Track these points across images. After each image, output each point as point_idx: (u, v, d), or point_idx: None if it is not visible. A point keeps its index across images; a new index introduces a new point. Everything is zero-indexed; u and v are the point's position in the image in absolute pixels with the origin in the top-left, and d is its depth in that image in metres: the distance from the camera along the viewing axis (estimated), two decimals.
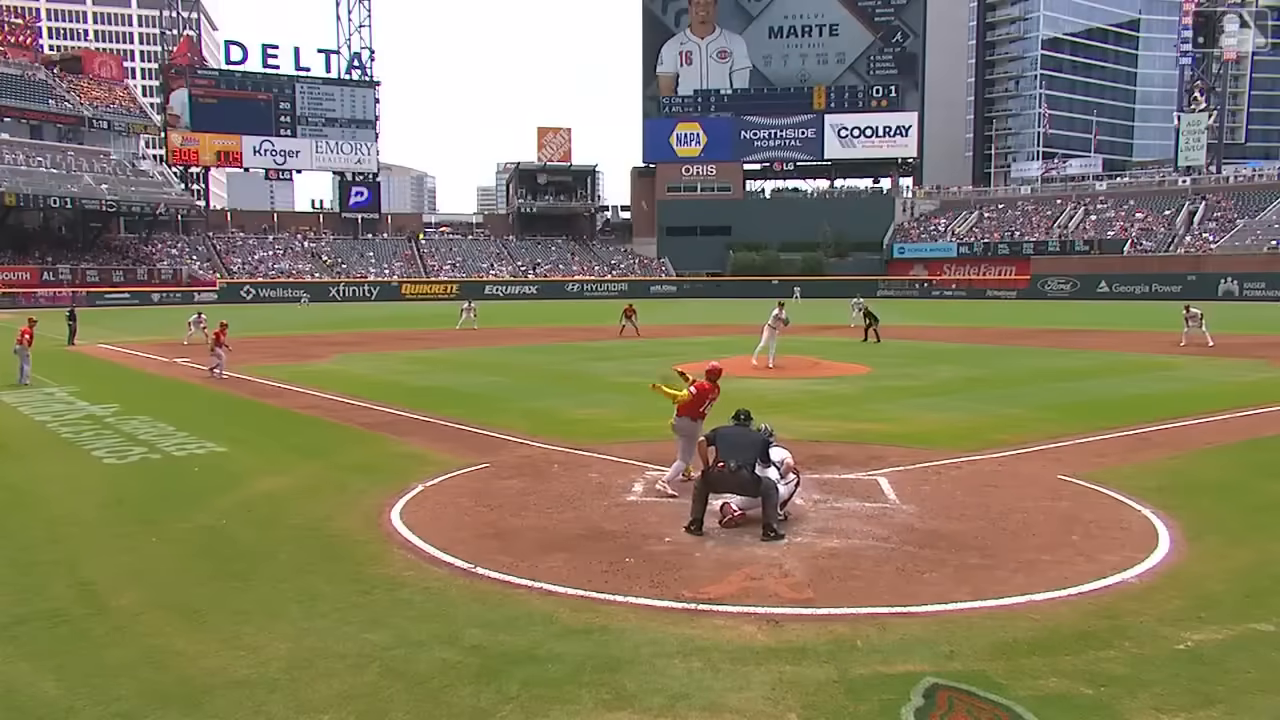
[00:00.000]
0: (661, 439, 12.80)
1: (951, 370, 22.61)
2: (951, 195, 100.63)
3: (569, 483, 10.75)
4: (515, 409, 16.65)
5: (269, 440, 13.88)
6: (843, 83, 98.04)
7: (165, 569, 7.73)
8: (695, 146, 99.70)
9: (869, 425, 14.58)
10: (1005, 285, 78.40)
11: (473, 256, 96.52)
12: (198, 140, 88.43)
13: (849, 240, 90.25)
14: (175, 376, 22.85)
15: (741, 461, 8.66)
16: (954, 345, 31.26)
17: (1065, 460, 11.88)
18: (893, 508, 9.56)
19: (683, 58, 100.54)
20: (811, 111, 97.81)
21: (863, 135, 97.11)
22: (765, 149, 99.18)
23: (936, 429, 14.20)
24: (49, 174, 74.76)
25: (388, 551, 8.13)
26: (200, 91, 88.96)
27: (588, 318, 48.69)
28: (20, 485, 10.94)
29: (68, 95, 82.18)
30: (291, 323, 45.78)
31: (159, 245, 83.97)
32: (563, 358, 27.08)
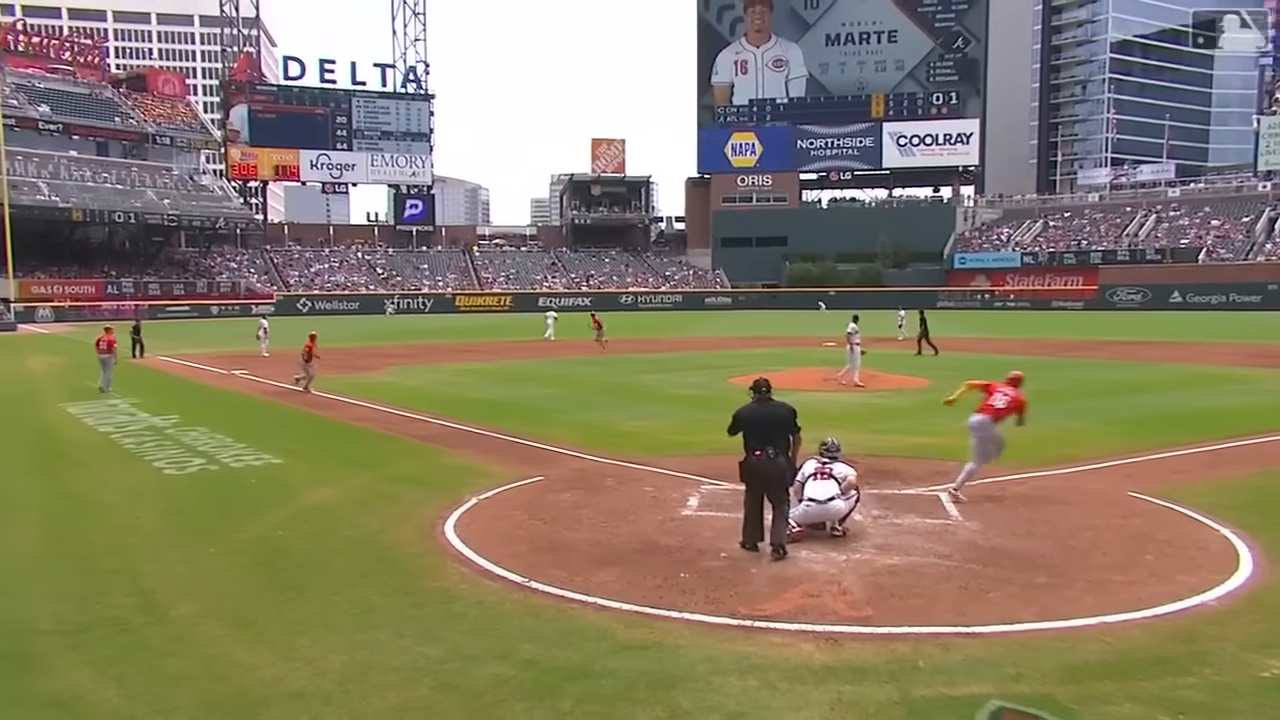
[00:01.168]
0: (715, 452, 12.76)
1: None
2: (1015, 204, 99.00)
3: (623, 496, 10.74)
4: (568, 421, 16.70)
5: (323, 452, 14.07)
6: (902, 90, 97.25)
7: (222, 579, 7.88)
8: (751, 156, 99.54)
9: (929, 439, 14.38)
10: (1072, 296, 76.81)
11: (526, 268, 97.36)
12: (256, 155, 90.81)
13: (908, 251, 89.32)
14: (233, 388, 23.38)
15: (778, 447, 8.22)
16: (1017, 357, 30.60)
17: (1136, 476, 11.56)
18: (955, 524, 9.39)
19: (738, 67, 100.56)
20: (869, 120, 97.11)
21: (922, 143, 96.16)
22: (822, 158, 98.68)
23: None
24: (114, 190, 77.47)
25: (441, 564, 8.18)
26: (259, 107, 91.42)
27: (642, 330, 48.74)
28: (83, 495, 11.26)
29: (132, 113, 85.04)
30: (346, 335, 46.58)
31: (218, 259, 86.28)
32: (615, 370, 27.11)
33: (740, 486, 8.55)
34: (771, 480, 8.22)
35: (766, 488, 8.25)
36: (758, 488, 8.28)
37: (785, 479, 8.27)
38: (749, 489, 8.36)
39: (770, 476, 8.20)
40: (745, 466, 8.29)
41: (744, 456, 8.33)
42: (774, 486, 8.25)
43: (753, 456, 8.22)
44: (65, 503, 10.64)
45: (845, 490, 8.98)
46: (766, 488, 8.25)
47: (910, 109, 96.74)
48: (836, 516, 8.95)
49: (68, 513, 9.85)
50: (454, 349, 36.99)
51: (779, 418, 8.30)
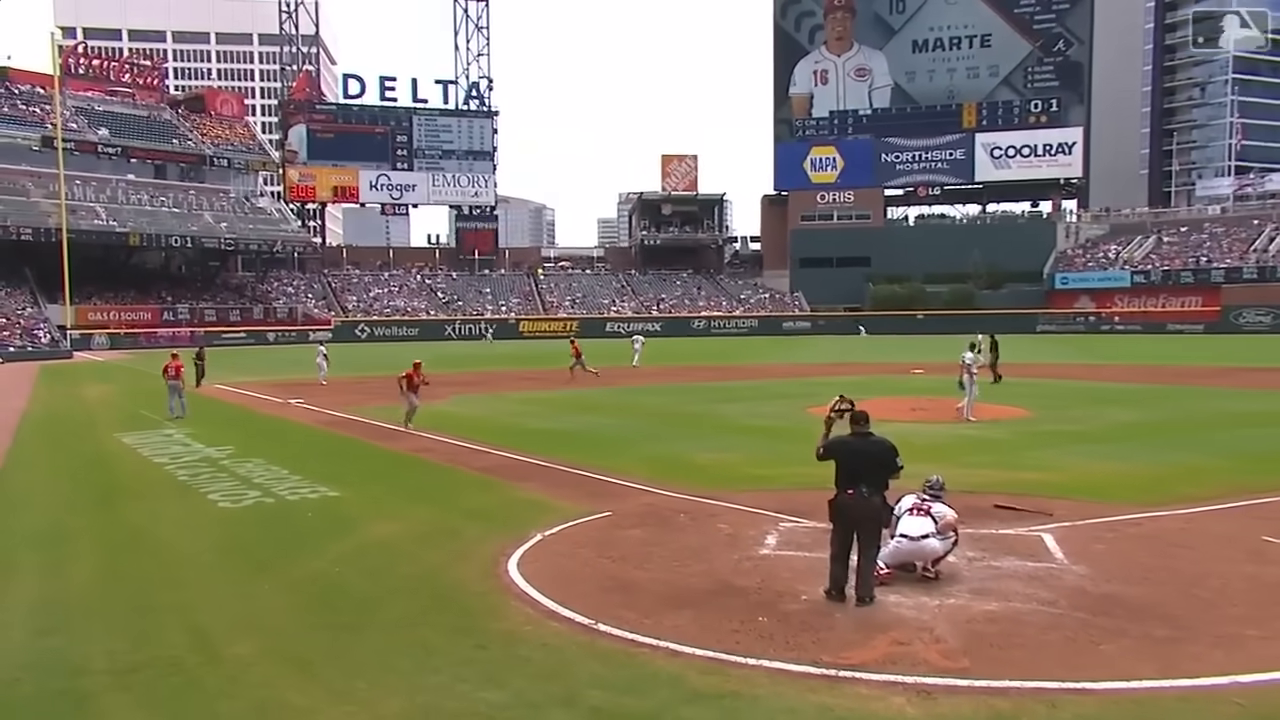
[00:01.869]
0: (795, 487, 12.65)
1: (1125, 413, 21.60)
2: (1124, 218, 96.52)
3: (696, 533, 10.72)
4: (637, 453, 16.76)
5: (382, 485, 14.32)
6: (996, 98, 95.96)
7: (278, 617, 8.05)
8: (831, 172, 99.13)
9: (1030, 475, 14.09)
10: (1190, 318, 74.47)
11: (593, 292, 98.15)
12: (314, 176, 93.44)
13: (1003, 270, 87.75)
14: (289, 418, 23.96)
15: (873, 486, 7.98)
16: (1128, 385, 29.82)
17: (1271, 518, 11.11)
18: (1060, 568, 9.16)
19: (817, 77, 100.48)
20: (960, 130, 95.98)
21: (1019, 154, 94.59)
22: (909, 172, 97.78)
23: (1109, 480, 13.54)
24: (170, 213, 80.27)
25: (504, 604, 8.24)
26: (318, 126, 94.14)
27: (714, 356, 48.66)
28: (138, 527, 11.63)
29: (190, 134, 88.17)
30: (405, 363, 47.46)
31: (275, 283, 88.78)
32: (687, 399, 27.12)
33: (826, 525, 8.42)
34: (863, 521, 8.00)
35: (857, 529, 8.04)
36: (847, 529, 8.08)
37: (879, 520, 8.07)
38: (837, 530, 8.17)
39: (861, 517, 7.99)
40: (835, 505, 8.11)
41: (834, 493, 8.18)
42: (865, 528, 8.03)
43: (844, 494, 8.04)
44: (120, 536, 11.00)
45: (942, 530, 8.82)
46: (857, 529, 8.04)
47: (1006, 118, 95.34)
48: (930, 557, 8.79)
49: (123, 546, 10.18)
50: (518, 376, 37.39)
51: (877, 454, 8.10)
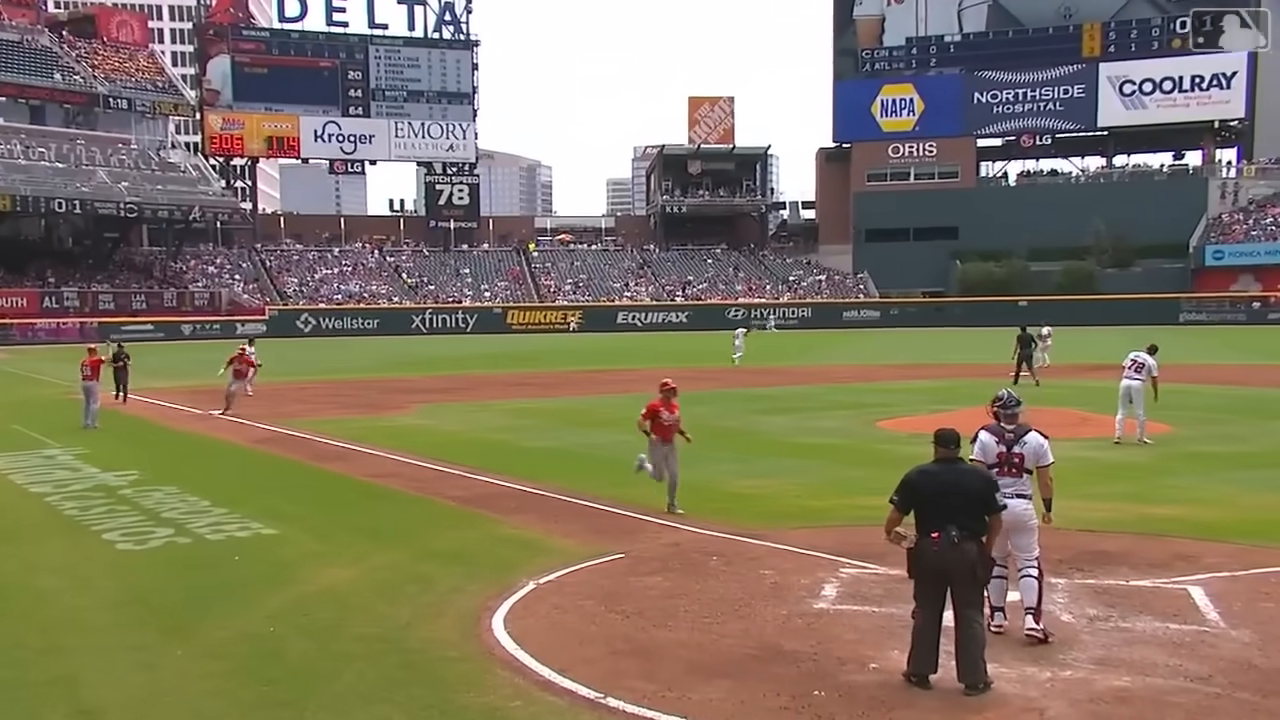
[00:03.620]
0: (860, 522, 12.60)
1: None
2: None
3: (733, 582, 10.72)
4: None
5: (331, 519, 14.37)
6: (1128, 15, 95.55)
7: (193, 693, 8.03)
8: (908, 117, 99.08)
9: (1171, 509, 14.03)
10: None
11: (601, 273, 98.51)
12: (243, 122, 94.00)
13: (1134, 243, 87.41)
14: (211, 434, 24.03)
15: (965, 527, 7.77)
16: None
17: None
18: (1215, 632, 9.08)
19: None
20: (1079, 60, 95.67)
21: (1158, 90, 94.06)
22: (1009, 116, 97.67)
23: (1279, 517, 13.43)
24: (52, 169, 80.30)
25: (488, 673, 8.24)
26: (246, 58, 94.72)
27: (756, 355, 48.62)
28: (9, 578, 11.62)
29: (77, 66, 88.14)
30: (361, 364, 47.64)
31: (192, 261, 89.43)
32: (721, 409, 27.09)
33: (900, 571, 8.33)
34: (955, 575, 7.78)
35: (950, 588, 7.83)
36: (934, 587, 7.86)
37: (977, 574, 7.82)
38: (919, 589, 7.97)
39: (953, 570, 7.75)
40: (916, 554, 7.90)
41: (915, 540, 8.04)
42: (959, 585, 7.80)
43: (926, 539, 7.83)
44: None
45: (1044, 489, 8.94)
46: (950, 588, 7.83)
47: (1141, 42, 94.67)
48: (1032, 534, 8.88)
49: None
50: (505, 381, 37.46)
51: (969, 488, 7.91)
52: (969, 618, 7.81)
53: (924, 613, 7.90)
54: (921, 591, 7.94)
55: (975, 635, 7.75)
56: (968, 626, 7.78)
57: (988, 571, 7.96)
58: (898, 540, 8.01)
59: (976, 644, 7.73)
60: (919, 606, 7.95)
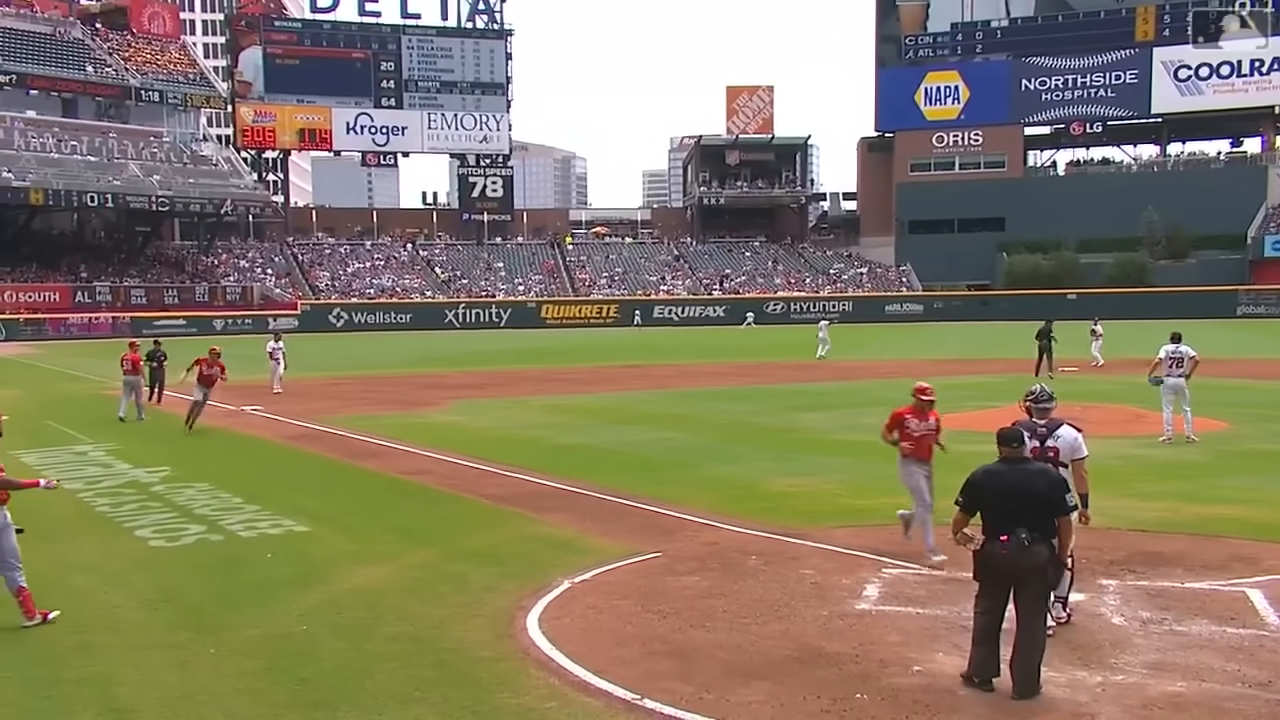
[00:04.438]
0: (900, 522, 12.54)
1: None
2: None
3: (773, 582, 10.70)
4: (697, 477, 16.78)
5: (363, 517, 14.43)
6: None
7: (225, 692, 8.09)
8: (954, 105, 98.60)
9: (1228, 509, 13.90)
10: None
11: (637, 267, 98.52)
12: (274, 115, 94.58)
13: (1189, 234, 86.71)
14: (243, 430, 24.23)
15: (1035, 530, 7.63)
16: None
17: None
18: (1275, 637, 8.99)
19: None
20: (1132, 45, 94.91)
21: (1215, 75, 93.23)
22: (1058, 104, 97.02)
23: None
24: (84, 163, 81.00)
25: (522, 673, 8.26)
26: (278, 50, 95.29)
27: (796, 350, 48.49)
28: (43, 576, 11.71)
29: (109, 59, 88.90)
30: (394, 360, 47.85)
31: (224, 255, 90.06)
32: (762, 406, 27.09)
33: (945, 572, 8.29)
34: (1022, 579, 7.69)
35: (1015, 591, 7.76)
36: (999, 590, 7.81)
37: (1045, 578, 7.74)
38: (984, 590, 7.92)
39: (1017, 575, 7.68)
40: (982, 557, 7.85)
41: (982, 542, 7.95)
42: (1026, 588, 7.71)
43: (996, 543, 7.75)
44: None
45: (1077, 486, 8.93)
46: (1015, 591, 7.76)
47: (1198, 25, 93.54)
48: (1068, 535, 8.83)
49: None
50: (540, 377, 37.50)
51: (1033, 490, 7.76)
52: (1032, 623, 7.73)
53: (986, 618, 7.84)
54: (986, 593, 7.88)
55: (1036, 643, 7.69)
56: (1029, 633, 7.69)
57: (1058, 575, 7.95)
58: (964, 542, 7.95)
59: (1036, 651, 7.68)
60: (981, 610, 7.89)
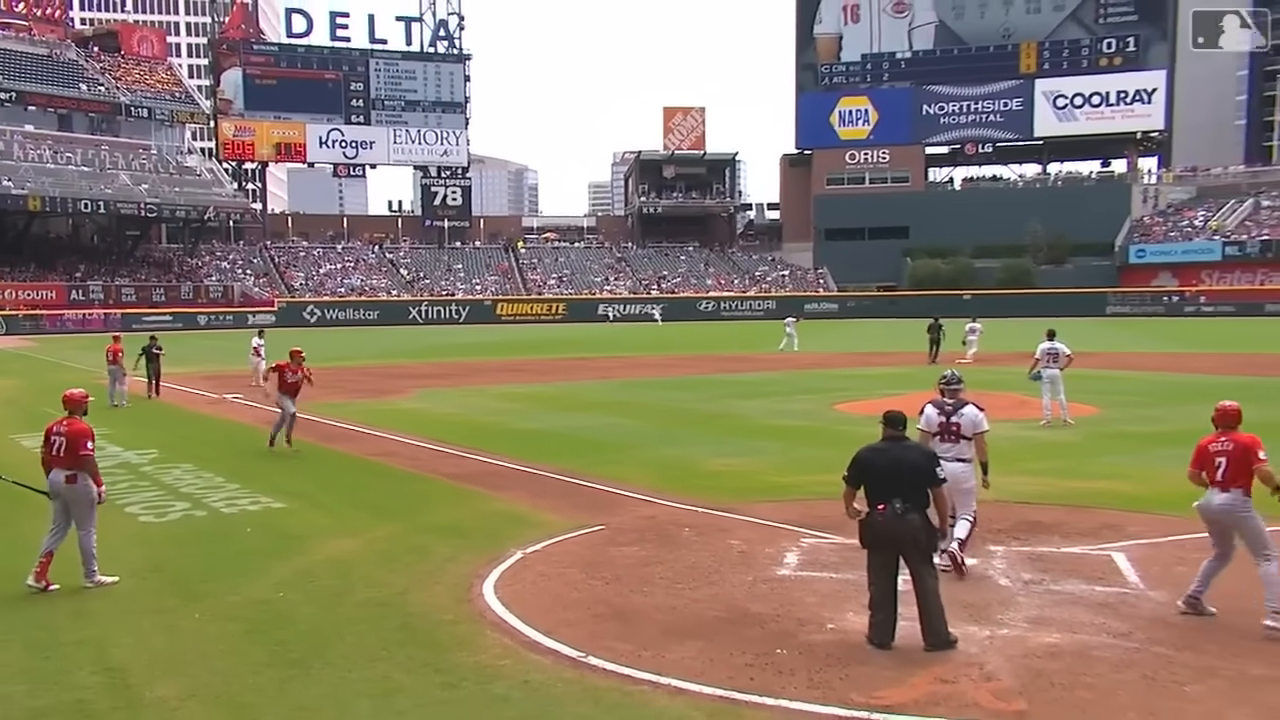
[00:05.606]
0: (821, 496, 12.66)
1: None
2: (1214, 178, 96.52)
3: (705, 551, 10.76)
4: (638, 458, 16.84)
5: (335, 494, 14.36)
6: (1061, 36, 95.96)
7: (210, 653, 8.04)
8: (863, 126, 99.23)
9: (1099, 483, 14.17)
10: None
11: (583, 269, 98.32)
12: (253, 130, 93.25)
13: (1067, 242, 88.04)
14: (225, 416, 23.96)
15: (909, 501, 7.75)
16: (1217, 378, 29.85)
17: None
18: (1135, 593, 9.21)
19: (847, 14, 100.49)
20: (1017, 76, 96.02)
21: (1088, 104, 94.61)
22: (955, 127, 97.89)
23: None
24: (78, 173, 79.86)
25: (479, 634, 8.27)
26: (257, 71, 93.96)
27: (728, 344, 48.66)
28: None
29: (101, 78, 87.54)
30: (363, 352, 47.46)
31: (207, 257, 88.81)
32: (697, 394, 27.19)
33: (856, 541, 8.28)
34: (901, 545, 7.79)
35: (899, 554, 7.85)
36: (884, 555, 7.88)
37: (922, 542, 7.79)
38: (870, 558, 7.96)
39: (896, 540, 7.78)
40: (865, 526, 7.92)
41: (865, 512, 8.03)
42: (909, 554, 7.81)
43: (875, 512, 7.85)
44: (17, 559, 10.90)
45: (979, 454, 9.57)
46: (899, 554, 7.85)
47: (1072, 60, 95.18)
48: (970, 493, 9.39)
49: (22, 571, 10.11)
50: (496, 368, 37.39)
51: (911, 464, 7.91)
52: (924, 583, 7.81)
53: (877, 585, 7.91)
54: (874, 561, 7.94)
55: (932, 599, 7.76)
56: (925, 593, 7.78)
57: (933, 540, 7.95)
58: (854, 515, 8.05)
59: (933, 602, 7.74)
60: (872, 578, 7.95)
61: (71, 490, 9.62)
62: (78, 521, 9.70)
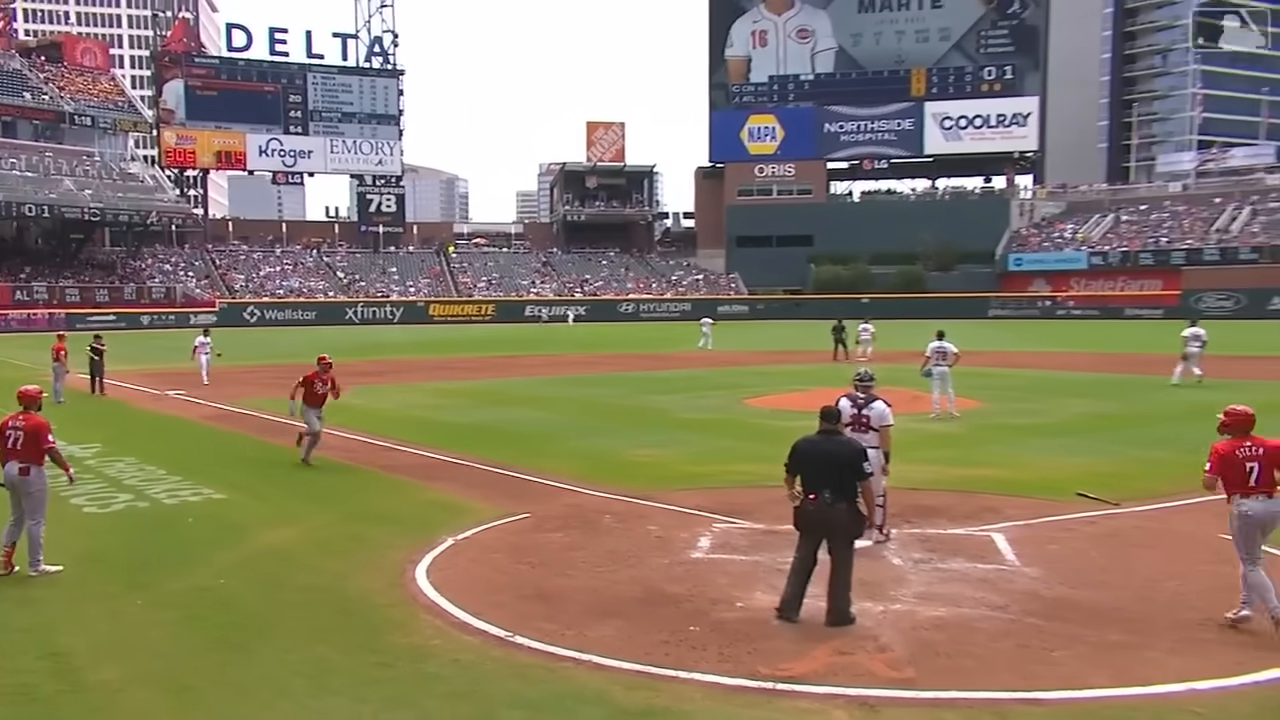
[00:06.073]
0: (732, 485, 12.77)
1: (1082, 405, 22.20)
2: (1081, 195, 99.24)
3: (624, 537, 10.79)
4: (561, 450, 16.80)
5: (275, 485, 14.13)
6: (947, 64, 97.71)
7: (152, 637, 7.88)
8: (770, 142, 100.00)
9: (981, 471, 14.43)
10: (1149, 302, 76.74)
11: (511, 272, 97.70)
12: (195, 139, 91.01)
13: (955, 250, 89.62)
14: (167, 411, 23.41)
15: (838, 491, 7.90)
16: (1085, 375, 30.69)
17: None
18: (1011, 570, 9.42)
19: (756, 38, 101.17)
20: (909, 99, 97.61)
21: (971, 125, 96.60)
22: (854, 144, 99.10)
23: (1065, 476, 13.93)
24: (23, 178, 77.46)
25: (412, 616, 8.21)
26: (198, 83, 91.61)
27: (645, 343, 48.80)
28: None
29: (46, 87, 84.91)
30: (301, 351, 46.65)
31: (150, 260, 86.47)
32: (618, 390, 27.22)
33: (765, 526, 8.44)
34: (830, 532, 7.92)
35: (826, 539, 8.00)
36: (810, 541, 8.05)
37: (847, 530, 7.94)
38: (800, 539, 8.14)
39: (824, 526, 7.92)
40: (798, 511, 8.09)
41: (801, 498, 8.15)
42: (834, 539, 7.94)
43: (807, 500, 8.01)
44: None
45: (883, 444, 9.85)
46: (826, 539, 8.00)
47: (957, 86, 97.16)
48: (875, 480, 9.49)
49: None
50: (429, 365, 37.05)
51: (839, 456, 7.99)
52: (841, 566, 7.96)
53: (798, 560, 8.09)
54: (801, 542, 8.13)
55: (845, 581, 7.93)
56: (839, 574, 7.95)
57: (859, 528, 8.06)
58: (794, 499, 8.16)
59: (843, 583, 7.92)
60: (797, 555, 8.12)
61: (25, 482, 9.49)
62: (29, 511, 9.52)
